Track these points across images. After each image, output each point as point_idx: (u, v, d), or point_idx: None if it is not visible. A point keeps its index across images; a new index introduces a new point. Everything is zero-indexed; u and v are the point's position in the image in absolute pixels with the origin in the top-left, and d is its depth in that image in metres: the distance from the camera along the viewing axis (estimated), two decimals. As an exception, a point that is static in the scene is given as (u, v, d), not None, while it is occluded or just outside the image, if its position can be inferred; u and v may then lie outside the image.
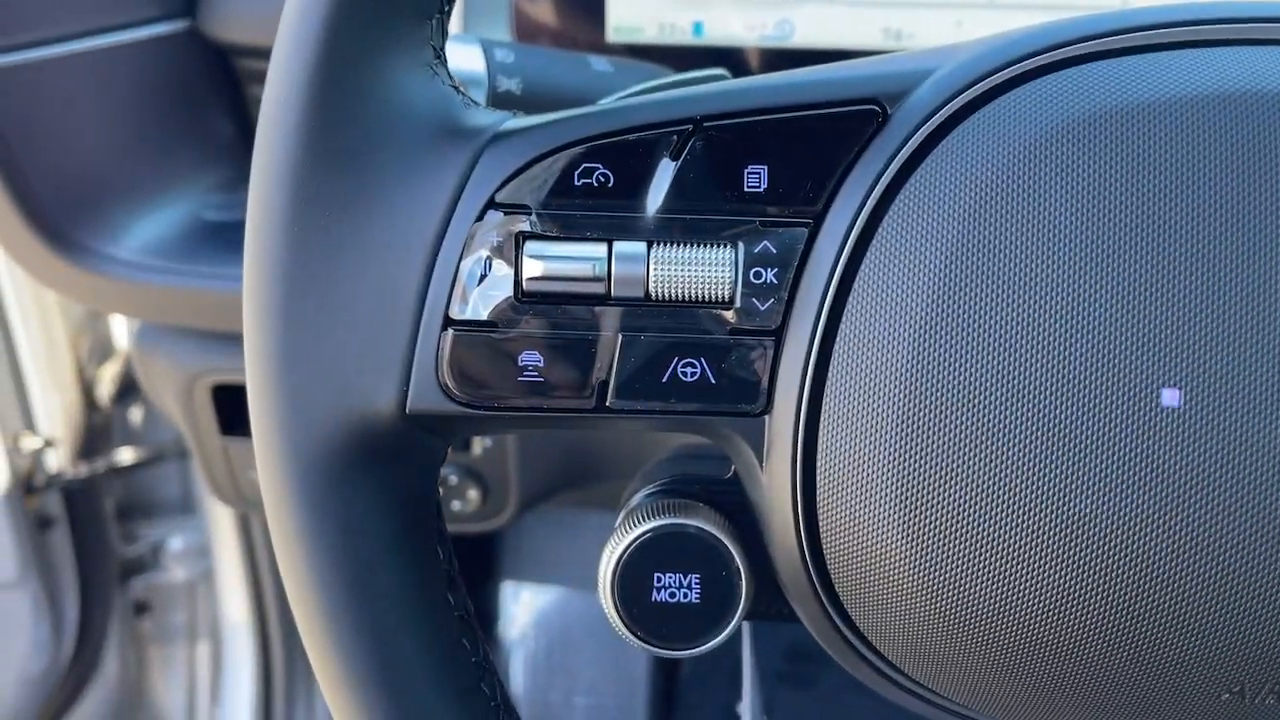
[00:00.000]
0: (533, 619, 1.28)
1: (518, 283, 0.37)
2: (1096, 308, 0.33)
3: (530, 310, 0.37)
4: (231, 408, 0.83)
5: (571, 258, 0.36)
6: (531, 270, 0.36)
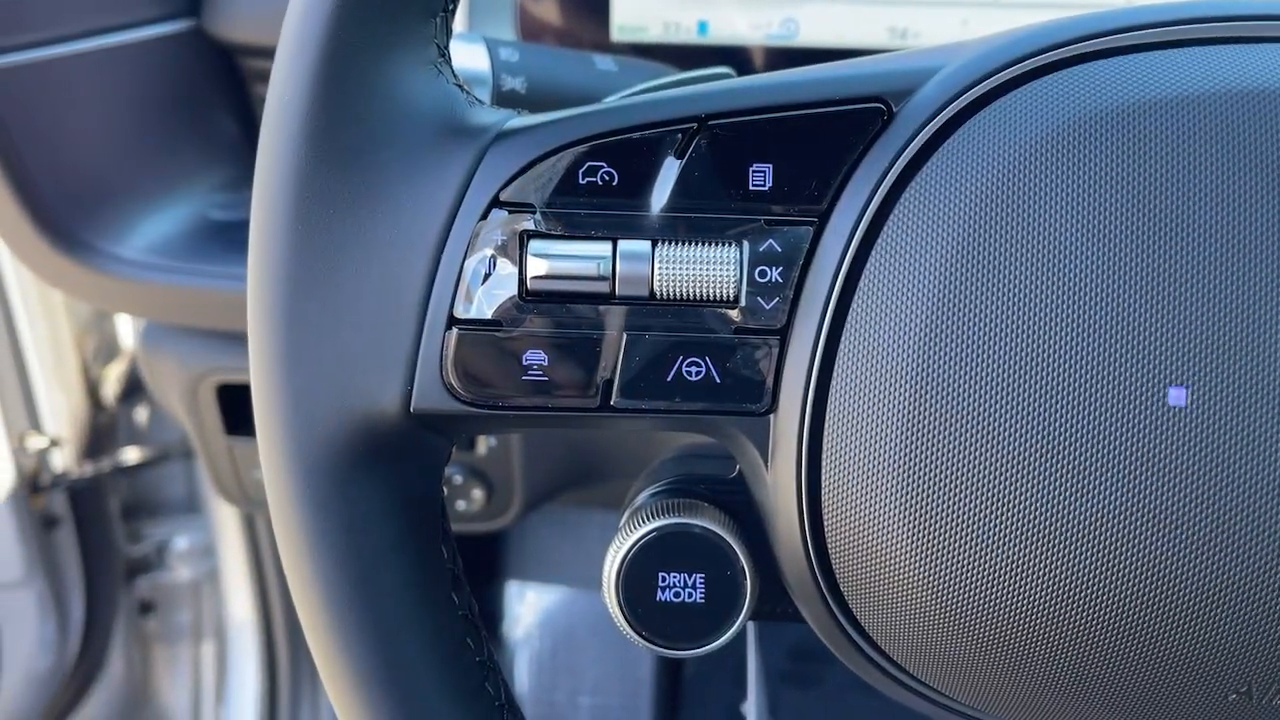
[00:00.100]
0: (537, 619, 1.28)
1: (522, 281, 0.37)
2: (1102, 306, 0.33)
3: (535, 309, 0.37)
4: (236, 407, 0.83)
5: (576, 256, 0.36)
6: (536, 269, 0.36)
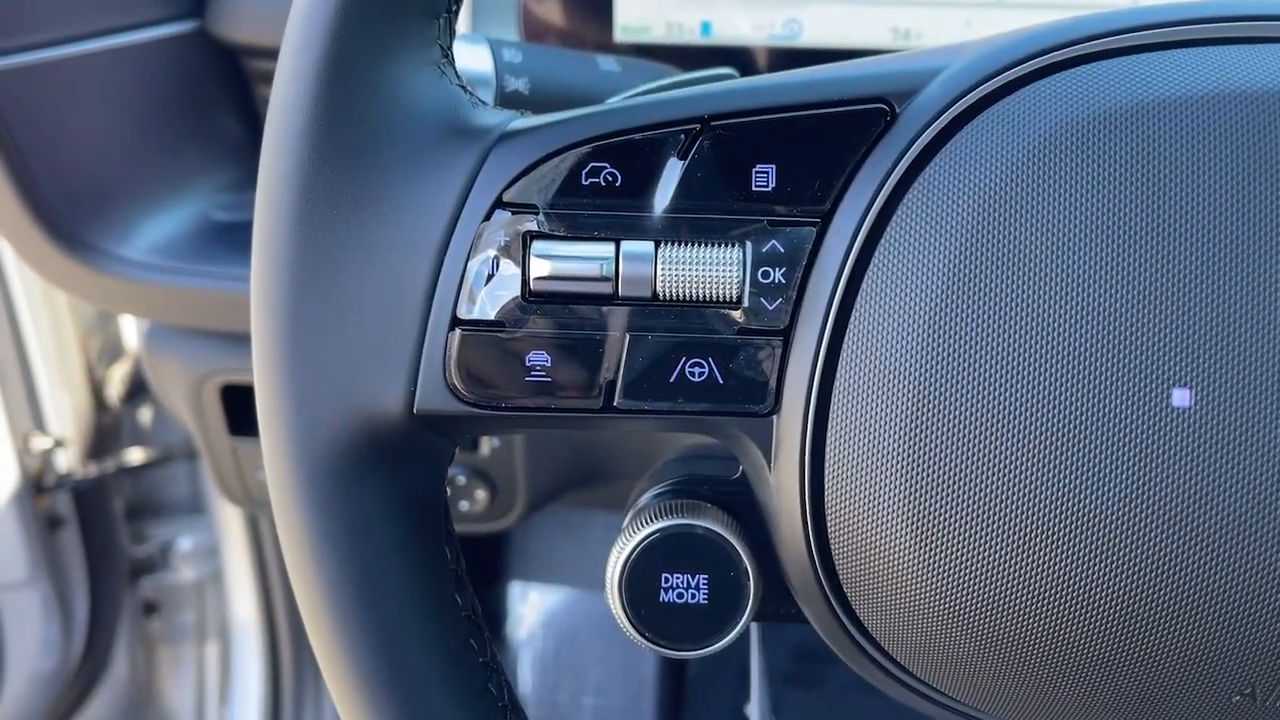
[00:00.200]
0: (540, 619, 1.28)
1: (525, 282, 0.37)
2: (1105, 308, 0.33)
3: (538, 310, 0.37)
4: (240, 408, 0.83)
5: (579, 257, 0.36)
6: (539, 270, 0.36)
